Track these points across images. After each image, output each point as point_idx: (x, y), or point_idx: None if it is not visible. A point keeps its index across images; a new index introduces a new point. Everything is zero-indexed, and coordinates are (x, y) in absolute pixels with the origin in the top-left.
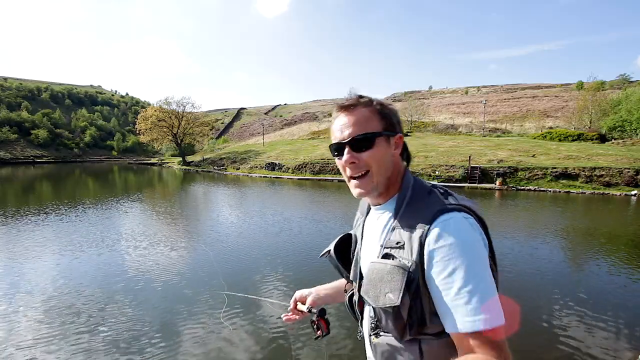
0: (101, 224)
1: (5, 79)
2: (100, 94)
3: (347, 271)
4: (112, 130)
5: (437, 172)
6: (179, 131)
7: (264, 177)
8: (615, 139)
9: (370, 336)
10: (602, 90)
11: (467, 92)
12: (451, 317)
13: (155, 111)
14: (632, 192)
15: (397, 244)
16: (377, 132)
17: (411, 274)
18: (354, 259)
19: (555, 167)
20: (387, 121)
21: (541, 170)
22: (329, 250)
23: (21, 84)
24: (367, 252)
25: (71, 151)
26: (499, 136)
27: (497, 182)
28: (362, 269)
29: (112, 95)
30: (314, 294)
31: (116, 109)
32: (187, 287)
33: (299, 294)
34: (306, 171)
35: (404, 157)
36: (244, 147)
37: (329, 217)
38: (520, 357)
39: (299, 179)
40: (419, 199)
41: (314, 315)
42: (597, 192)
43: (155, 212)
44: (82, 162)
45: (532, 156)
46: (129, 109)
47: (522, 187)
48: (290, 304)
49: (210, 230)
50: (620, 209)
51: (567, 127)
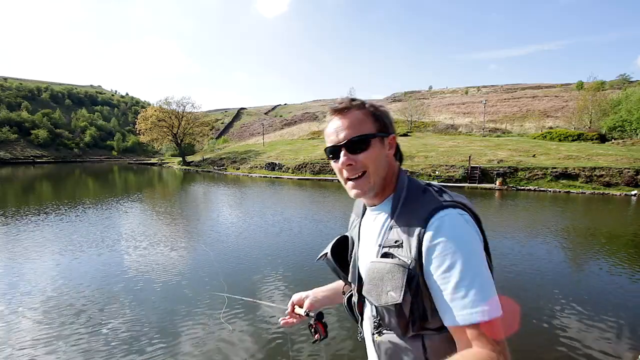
0: (101, 224)
1: (5, 79)
2: (100, 94)
3: (345, 273)
4: (112, 130)
5: (437, 172)
6: (179, 131)
7: (264, 177)
8: (615, 139)
9: (373, 335)
10: (602, 90)
11: (467, 92)
12: (448, 311)
13: (155, 111)
14: (632, 192)
15: (395, 242)
16: (371, 134)
17: (411, 271)
18: (352, 260)
19: (555, 167)
20: (381, 123)
21: (541, 170)
22: (326, 253)
23: (21, 84)
24: (365, 253)
25: (71, 151)
26: (499, 136)
27: (497, 182)
28: (360, 270)
29: (112, 95)
30: (312, 296)
31: (116, 109)
32: (187, 288)
33: (296, 297)
34: (306, 171)
35: (397, 157)
36: (244, 147)
37: (329, 217)
38: (520, 357)
39: (299, 179)
40: (414, 197)
41: (312, 319)
42: (597, 192)
43: (155, 212)
44: (82, 162)
45: (532, 156)
46: (129, 109)
47: (522, 187)
48: (287, 307)
49: (210, 230)
50: (620, 209)
51: (567, 127)
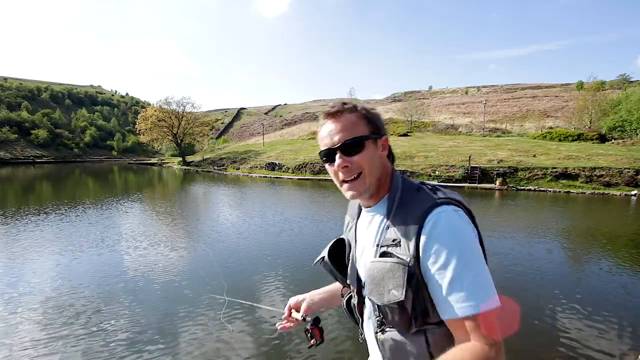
0: (101, 224)
1: (5, 79)
2: (100, 94)
3: (343, 275)
4: (112, 130)
5: (437, 172)
6: (179, 131)
7: (264, 177)
8: (615, 139)
9: (376, 334)
10: (602, 90)
11: (467, 92)
12: (444, 305)
13: (155, 111)
14: (632, 192)
15: (393, 241)
16: (365, 136)
17: (410, 268)
18: (350, 262)
19: (555, 167)
20: (373, 125)
21: (541, 170)
22: (323, 257)
23: (21, 84)
24: (364, 254)
25: (71, 151)
26: (499, 136)
27: (497, 182)
28: (359, 271)
29: (112, 95)
30: (308, 299)
31: (116, 109)
32: (187, 288)
33: (293, 301)
34: (306, 171)
35: (390, 159)
36: (244, 147)
37: (329, 217)
38: (520, 357)
39: (299, 179)
40: (409, 196)
41: (308, 323)
42: (597, 192)
43: (155, 212)
44: (82, 162)
45: (532, 156)
46: (129, 109)
47: (522, 187)
48: (284, 311)
49: (210, 230)
50: (620, 209)
51: (567, 127)
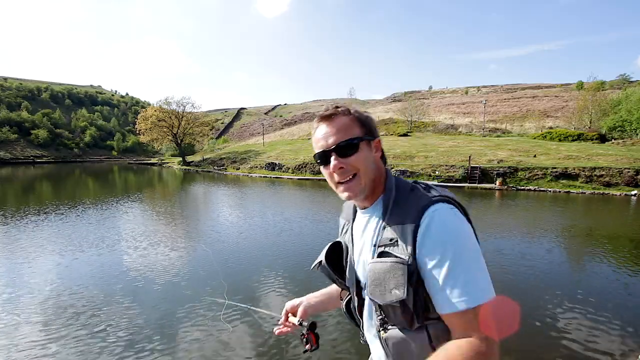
0: (101, 224)
1: (5, 79)
2: (100, 94)
3: (341, 279)
4: (112, 130)
5: (437, 172)
6: (179, 131)
7: (264, 177)
8: (615, 139)
9: (379, 332)
10: (602, 90)
11: (467, 92)
12: (439, 300)
13: (155, 111)
14: (632, 192)
15: (390, 240)
16: (359, 137)
17: (410, 267)
18: (348, 264)
19: (555, 167)
20: (367, 127)
21: (541, 170)
22: (321, 261)
23: (21, 84)
24: (362, 255)
25: (71, 151)
26: (499, 136)
27: (497, 182)
28: (358, 273)
29: (112, 95)
30: (305, 303)
31: (116, 109)
32: (187, 288)
33: (289, 305)
34: (306, 171)
35: (383, 161)
36: (244, 147)
37: (329, 217)
38: (520, 357)
39: (299, 179)
40: (404, 196)
41: (304, 328)
42: (597, 192)
43: (155, 212)
44: (82, 162)
45: (533, 156)
46: (129, 109)
47: (522, 187)
48: (281, 316)
49: (210, 230)
50: (620, 209)
51: (567, 127)
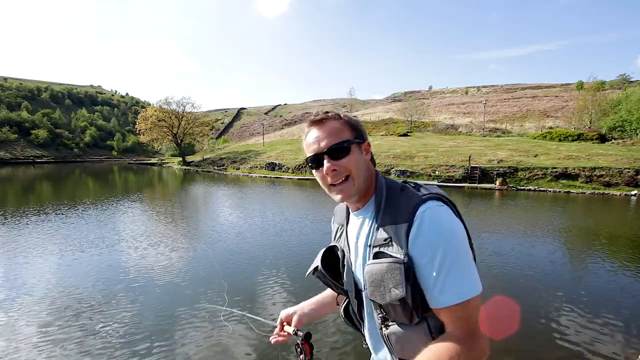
0: (101, 224)
1: (5, 79)
2: (100, 94)
3: (339, 283)
4: (112, 130)
5: (437, 172)
6: (179, 131)
7: (264, 177)
8: (615, 139)
9: (380, 329)
10: (602, 90)
11: (467, 92)
12: (431, 295)
13: (155, 111)
14: (632, 192)
15: (384, 240)
16: (350, 140)
17: (406, 265)
18: (345, 268)
19: (555, 167)
20: (357, 131)
21: (541, 170)
22: (317, 266)
23: (21, 84)
24: (358, 257)
25: (71, 151)
26: (499, 136)
27: (497, 182)
28: (355, 276)
29: (112, 95)
30: (299, 311)
31: (116, 109)
32: (187, 288)
33: (284, 314)
34: (306, 171)
35: (372, 163)
36: (244, 147)
37: (329, 217)
38: (520, 357)
39: (299, 179)
40: (395, 196)
41: (299, 338)
42: (597, 192)
43: (155, 213)
44: (82, 162)
45: (533, 156)
46: (129, 109)
47: (522, 187)
48: (277, 325)
49: (210, 230)
50: (620, 209)
51: (567, 127)
